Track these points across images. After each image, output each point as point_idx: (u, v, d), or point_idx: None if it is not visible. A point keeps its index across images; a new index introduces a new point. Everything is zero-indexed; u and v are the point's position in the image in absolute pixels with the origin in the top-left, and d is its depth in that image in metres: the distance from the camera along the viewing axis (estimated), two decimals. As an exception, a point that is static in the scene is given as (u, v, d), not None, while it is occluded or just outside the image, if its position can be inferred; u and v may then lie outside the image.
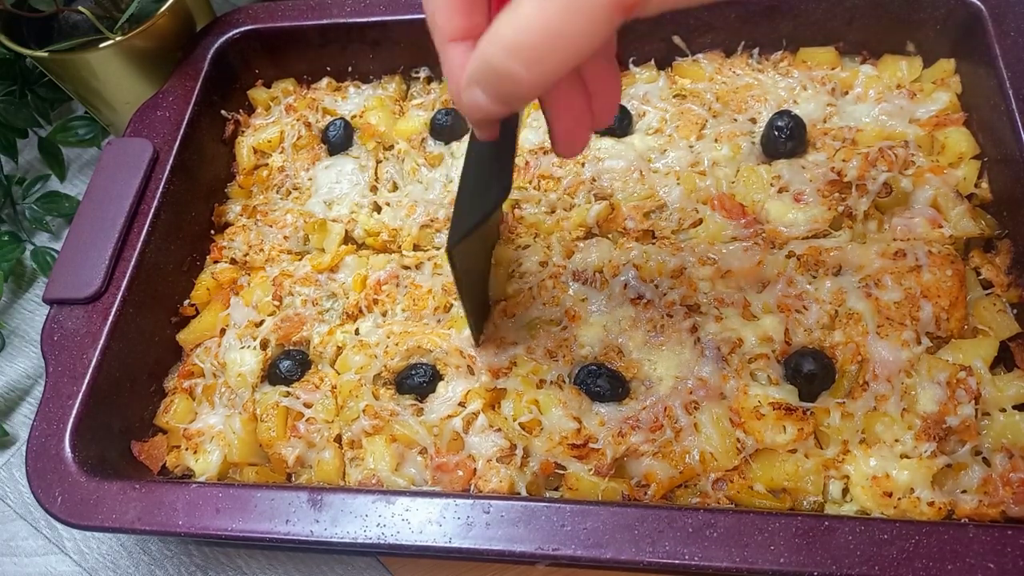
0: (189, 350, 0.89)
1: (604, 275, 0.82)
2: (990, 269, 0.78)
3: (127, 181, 0.89)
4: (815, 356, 0.73)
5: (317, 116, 1.02)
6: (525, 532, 0.63)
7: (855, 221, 0.82)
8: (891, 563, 0.58)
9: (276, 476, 0.79)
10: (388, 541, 0.65)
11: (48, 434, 0.74)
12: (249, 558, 0.85)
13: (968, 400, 0.69)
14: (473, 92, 0.46)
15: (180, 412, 0.84)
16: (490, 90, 0.45)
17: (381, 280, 0.86)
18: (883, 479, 0.68)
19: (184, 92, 0.97)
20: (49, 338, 0.80)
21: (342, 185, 0.95)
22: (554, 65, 0.42)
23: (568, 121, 0.55)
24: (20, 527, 0.92)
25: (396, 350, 0.80)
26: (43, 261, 1.09)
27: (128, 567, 0.87)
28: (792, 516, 0.61)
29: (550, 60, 0.42)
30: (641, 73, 0.98)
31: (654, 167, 0.90)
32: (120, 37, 0.96)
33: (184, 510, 0.68)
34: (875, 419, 0.70)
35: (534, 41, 0.41)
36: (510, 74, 0.43)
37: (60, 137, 1.15)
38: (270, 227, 0.94)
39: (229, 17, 1.03)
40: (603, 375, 0.75)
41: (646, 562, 0.61)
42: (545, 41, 0.41)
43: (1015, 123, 0.77)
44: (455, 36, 0.48)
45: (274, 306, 0.87)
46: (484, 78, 0.45)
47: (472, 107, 0.47)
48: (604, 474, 0.72)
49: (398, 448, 0.76)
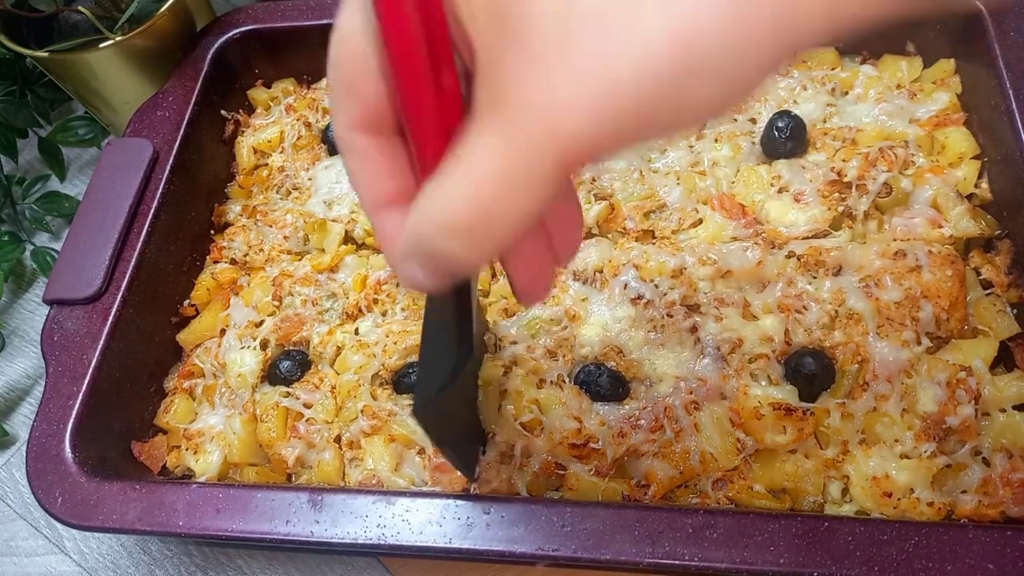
0: (189, 350, 0.89)
1: (604, 275, 0.82)
2: (990, 269, 0.78)
3: (127, 181, 0.89)
4: (815, 356, 0.73)
5: (317, 116, 1.02)
6: (525, 533, 0.63)
7: (855, 221, 0.82)
8: (891, 564, 0.58)
9: (276, 476, 0.79)
10: (388, 542, 0.65)
11: (48, 434, 0.74)
12: (249, 558, 0.86)
13: (968, 400, 0.69)
14: (409, 266, 0.40)
15: (180, 412, 0.84)
16: (427, 267, 0.40)
17: (381, 280, 0.86)
18: (883, 479, 0.68)
19: (184, 92, 0.97)
20: (49, 338, 0.80)
21: (342, 185, 0.95)
22: (496, 242, 0.37)
23: (527, 273, 0.48)
24: (20, 527, 0.92)
25: (394, 349, 0.80)
26: (43, 261, 1.09)
27: (128, 567, 0.87)
28: (792, 517, 0.61)
29: (491, 237, 0.36)
30: (641, 73, 0.98)
31: (654, 167, 0.90)
32: (120, 37, 0.96)
33: (184, 510, 0.68)
34: (875, 419, 0.70)
35: (467, 221, 0.35)
36: (448, 253, 0.37)
37: (60, 137, 1.15)
38: (270, 227, 0.94)
39: (229, 17, 1.03)
40: (603, 375, 0.75)
41: (646, 563, 0.61)
42: (480, 220, 0.35)
43: (1015, 123, 0.77)
44: (383, 203, 0.43)
45: (274, 306, 0.87)
46: (419, 255, 0.39)
47: (411, 282, 0.41)
48: (604, 474, 0.72)
49: (397, 448, 0.76)
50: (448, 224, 0.36)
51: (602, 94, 0.32)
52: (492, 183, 0.35)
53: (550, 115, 0.33)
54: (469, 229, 0.36)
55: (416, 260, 0.39)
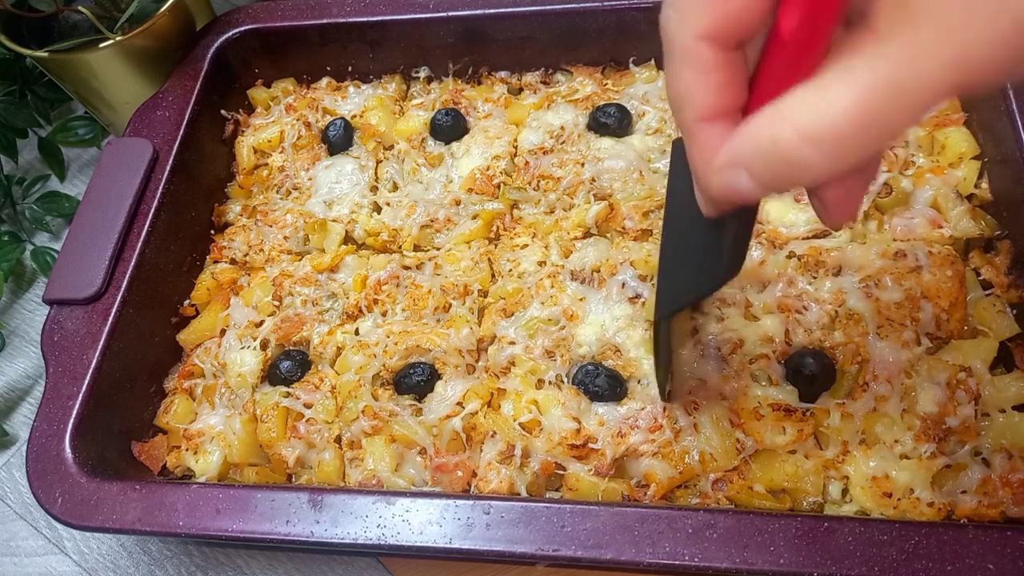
0: (189, 350, 0.89)
1: (602, 274, 0.82)
2: (990, 270, 0.78)
3: (127, 181, 0.89)
4: (816, 356, 0.73)
5: (317, 116, 1.02)
6: (525, 533, 0.63)
7: (855, 221, 0.82)
8: (891, 564, 0.58)
9: (276, 477, 0.79)
10: (388, 542, 0.65)
11: (48, 435, 0.74)
12: (249, 558, 0.86)
13: (968, 401, 0.69)
14: (734, 174, 0.41)
15: (180, 412, 0.84)
16: (764, 174, 0.39)
17: (381, 280, 0.86)
18: (883, 480, 0.68)
19: (184, 92, 0.97)
20: (49, 338, 0.80)
21: (342, 185, 0.95)
22: (858, 156, 0.37)
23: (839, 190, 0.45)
24: (20, 527, 0.92)
25: (395, 349, 0.80)
26: (43, 261, 1.09)
27: (128, 567, 0.87)
28: (792, 517, 0.61)
29: (858, 150, 0.36)
30: (641, 73, 0.98)
31: (654, 167, 0.90)
32: (120, 37, 0.96)
33: (185, 511, 0.68)
34: (875, 420, 0.70)
35: (844, 132, 0.36)
36: (801, 161, 0.37)
37: (60, 137, 1.15)
38: (270, 227, 0.94)
39: (229, 17, 1.03)
40: (601, 374, 0.75)
41: (646, 563, 0.61)
42: (858, 132, 0.35)
43: (1015, 123, 0.77)
44: (710, 115, 0.42)
45: (274, 306, 0.87)
46: (760, 161, 0.39)
47: (727, 189, 0.42)
48: (604, 474, 0.72)
49: (397, 448, 0.76)
50: (815, 131, 0.36)
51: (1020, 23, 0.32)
52: (880, 96, 0.35)
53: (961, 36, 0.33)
54: (837, 139, 0.36)
55: (751, 168, 0.39)
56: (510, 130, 0.96)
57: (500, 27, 0.98)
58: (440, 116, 0.97)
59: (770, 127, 0.38)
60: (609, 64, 1.01)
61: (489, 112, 0.98)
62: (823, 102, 0.36)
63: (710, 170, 0.43)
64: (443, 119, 0.97)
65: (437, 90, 1.04)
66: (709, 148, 0.42)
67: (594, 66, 1.01)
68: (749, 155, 0.39)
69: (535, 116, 0.97)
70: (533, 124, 0.96)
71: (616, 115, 0.92)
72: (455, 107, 0.98)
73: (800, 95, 0.37)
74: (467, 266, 0.86)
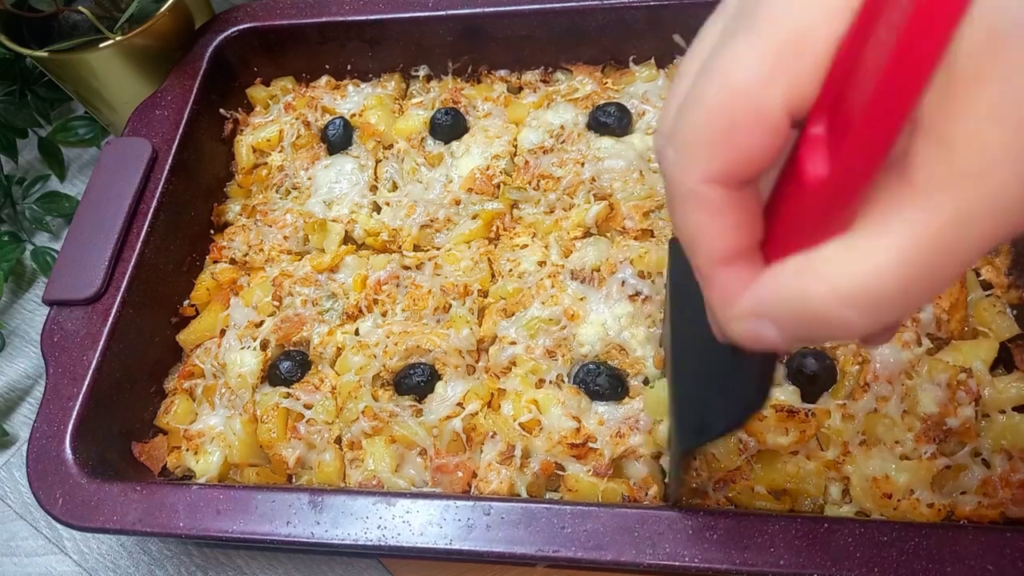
0: (189, 351, 0.88)
1: (601, 273, 0.82)
2: (990, 270, 0.78)
3: (126, 181, 0.89)
4: (817, 357, 0.73)
5: (316, 115, 1.02)
6: (525, 534, 0.63)
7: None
8: (891, 565, 0.58)
9: (277, 477, 0.79)
10: (389, 543, 0.65)
11: (48, 435, 0.74)
12: (249, 559, 0.86)
13: (968, 401, 0.69)
14: (760, 325, 0.37)
15: (180, 413, 0.84)
16: (792, 328, 0.36)
17: (381, 280, 0.86)
18: (883, 480, 0.68)
19: (182, 91, 0.97)
20: (49, 339, 0.80)
21: (342, 185, 0.95)
22: (904, 312, 0.34)
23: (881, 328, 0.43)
24: (20, 527, 0.92)
25: (395, 350, 0.80)
26: (43, 261, 1.09)
27: (128, 567, 0.87)
28: (792, 518, 0.61)
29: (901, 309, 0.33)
30: (641, 72, 0.98)
31: (654, 167, 0.89)
32: (120, 37, 0.96)
33: (185, 511, 0.68)
34: (876, 420, 0.70)
35: (887, 293, 0.32)
36: (838, 322, 0.34)
37: (60, 137, 1.15)
38: (270, 227, 0.93)
39: (227, 15, 1.03)
40: (602, 374, 0.75)
41: (646, 564, 0.61)
42: (904, 292, 0.32)
43: (1016, 123, 0.77)
44: (728, 258, 0.38)
45: (274, 306, 0.87)
46: (790, 317, 0.35)
47: (750, 339, 0.38)
48: (602, 474, 0.72)
49: (398, 449, 0.76)
50: (855, 293, 0.33)
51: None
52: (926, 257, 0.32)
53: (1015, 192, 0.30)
54: (879, 300, 0.32)
55: (778, 321, 0.36)
56: (510, 129, 0.96)
57: (500, 25, 0.98)
58: (440, 115, 0.97)
59: (802, 285, 0.35)
60: (609, 63, 1.00)
61: (489, 111, 0.98)
62: (863, 262, 0.33)
63: (731, 316, 0.39)
64: (443, 118, 0.96)
65: (436, 89, 1.03)
66: (729, 293, 0.39)
67: (594, 65, 1.00)
68: (776, 310, 0.36)
69: (535, 115, 0.97)
70: (533, 123, 0.96)
71: (616, 114, 0.92)
72: (455, 106, 0.98)
73: (834, 251, 0.34)
74: (467, 266, 0.86)
